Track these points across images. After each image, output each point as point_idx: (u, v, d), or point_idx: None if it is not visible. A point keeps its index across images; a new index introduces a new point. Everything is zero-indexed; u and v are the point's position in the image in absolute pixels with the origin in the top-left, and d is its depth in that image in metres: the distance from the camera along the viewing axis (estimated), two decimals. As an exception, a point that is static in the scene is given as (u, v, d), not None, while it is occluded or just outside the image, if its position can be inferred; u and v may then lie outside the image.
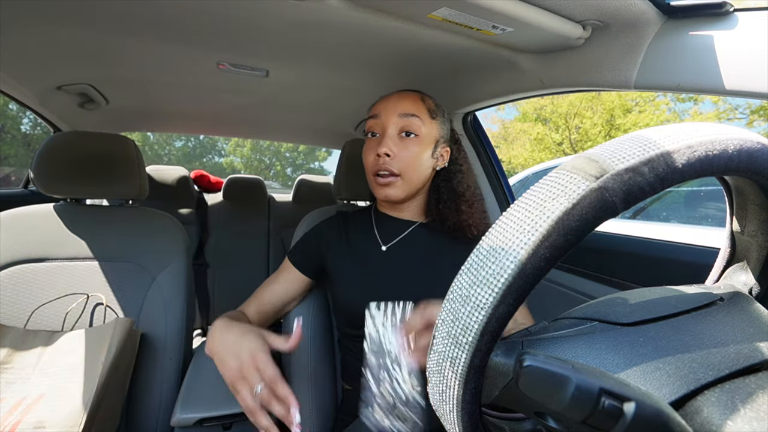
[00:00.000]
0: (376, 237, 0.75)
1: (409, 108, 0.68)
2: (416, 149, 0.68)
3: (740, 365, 0.23)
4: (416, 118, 0.68)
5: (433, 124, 0.70)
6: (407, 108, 0.68)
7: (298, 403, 0.49)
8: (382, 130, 0.69)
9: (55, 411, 0.57)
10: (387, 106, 0.70)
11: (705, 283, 0.36)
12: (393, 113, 0.69)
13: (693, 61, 0.54)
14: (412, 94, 0.71)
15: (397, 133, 0.69)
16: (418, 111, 0.69)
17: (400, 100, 0.70)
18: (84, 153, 0.84)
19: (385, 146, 0.67)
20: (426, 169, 0.70)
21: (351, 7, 0.62)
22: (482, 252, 0.23)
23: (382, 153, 0.67)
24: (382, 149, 0.67)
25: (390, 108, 0.69)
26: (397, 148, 0.68)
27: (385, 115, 0.69)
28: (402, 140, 0.68)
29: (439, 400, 0.26)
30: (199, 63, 0.92)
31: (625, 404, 0.19)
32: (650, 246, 0.88)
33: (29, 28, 0.73)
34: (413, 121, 0.68)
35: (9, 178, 3.33)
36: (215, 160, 19.56)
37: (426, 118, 0.69)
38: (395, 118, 0.68)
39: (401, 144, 0.68)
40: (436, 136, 0.71)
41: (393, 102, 0.70)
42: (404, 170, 0.68)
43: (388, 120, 0.69)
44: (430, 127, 0.70)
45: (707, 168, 0.22)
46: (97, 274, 0.81)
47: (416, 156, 0.68)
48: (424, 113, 0.69)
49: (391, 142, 0.68)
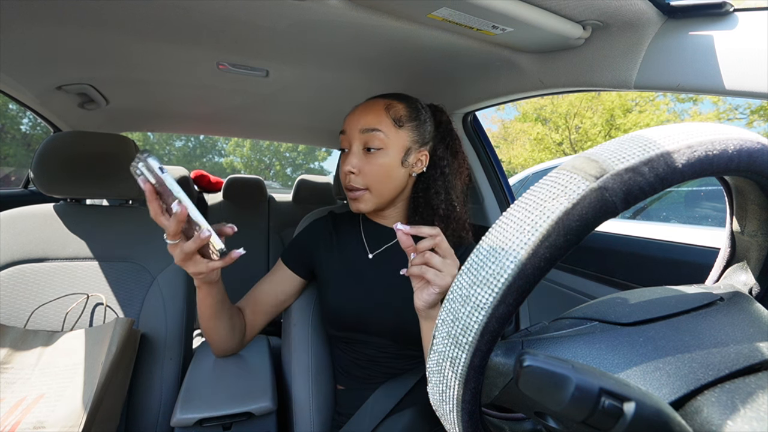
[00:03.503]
0: (364, 243, 0.75)
1: (371, 122, 0.67)
2: (381, 161, 0.67)
3: (740, 365, 0.23)
4: (378, 132, 0.67)
5: (401, 132, 0.68)
6: (369, 122, 0.68)
7: (210, 229, 0.49)
8: (349, 146, 0.70)
9: (55, 411, 0.57)
10: (351, 121, 0.70)
11: (705, 283, 0.36)
12: (355, 129, 0.68)
13: (693, 61, 0.54)
14: (377, 105, 0.69)
15: (362, 149, 0.68)
16: (380, 124, 0.67)
17: (363, 114, 0.69)
18: (84, 153, 0.84)
19: (348, 164, 0.68)
20: (397, 179, 0.69)
21: (351, 6, 0.62)
22: (482, 252, 0.23)
23: (346, 171, 0.68)
24: (345, 167, 0.68)
25: (353, 124, 0.69)
26: (361, 163, 0.68)
27: (350, 130, 0.69)
28: (366, 155, 0.68)
29: (439, 400, 0.26)
30: (199, 63, 0.92)
31: (625, 404, 0.19)
32: (650, 246, 0.88)
33: (29, 28, 0.73)
34: (375, 135, 0.67)
35: (9, 178, 3.33)
36: (215, 160, 19.58)
37: (390, 129, 0.67)
38: (357, 134, 0.68)
39: (365, 159, 0.68)
40: (405, 144, 0.69)
41: (356, 117, 0.69)
42: (371, 184, 0.68)
43: (352, 136, 0.69)
44: (397, 137, 0.68)
45: (707, 168, 0.22)
46: (97, 274, 0.81)
47: (382, 169, 0.67)
48: (387, 125, 0.67)
49: (356, 158, 0.68)
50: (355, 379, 0.71)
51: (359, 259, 0.73)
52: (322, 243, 0.76)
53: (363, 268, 0.72)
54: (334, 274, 0.73)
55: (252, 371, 0.74)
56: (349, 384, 0.73)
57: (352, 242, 0.76)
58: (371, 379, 0.70)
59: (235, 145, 17.83)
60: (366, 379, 0.70)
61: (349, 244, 0.75)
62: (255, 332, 0.76)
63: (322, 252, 0.75)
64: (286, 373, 0.81)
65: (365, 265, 0.72)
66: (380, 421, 0.65)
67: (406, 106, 0.70)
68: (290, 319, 0.80)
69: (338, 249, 0.75)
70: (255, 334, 0.77)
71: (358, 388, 0.71)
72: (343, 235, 0.77)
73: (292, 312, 0.80)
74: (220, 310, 0.64)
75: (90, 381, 0.61)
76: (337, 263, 0.73)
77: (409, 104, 0.71)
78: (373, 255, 0.73)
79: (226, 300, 0.65)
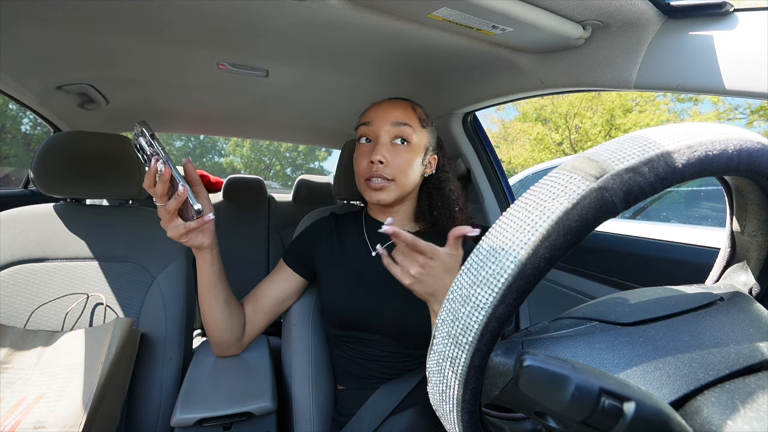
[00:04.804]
0: (366, 242, 0.76)
1: (401, 116, 0.70)
2: (408, 156, 0.69)
3: (740, 365, 0.23)
4: (408, 127, 0.69)
5: (423, 132, 0.72)
6: (399, 116, 0.70)
7: (186, 189, 0.54)
8: (375, 137, 0.70)
9: (55, 411, 0.57)
10: (379, 113, 0.71)
11: (705, 283, 0.36)
12: (385, 121, 0.70)
13: (693, 61, 0.54)
14: (404, 102, 0.73)
15: (390, 141, 0.70)
16: (410, 120, 0.70)
17: (392, 108, 0.71)
18: (84, 153, 0.84)
19: (378, 153, 0.68)
20: (416, 176, 0.72)
21: (351, 7, 0.62)
22: (482, 252, 0.23)
23: (376, 160, 0.68)
24: (376, 156, 0.68)
25: (382, 116, 0.70)
26: (389, 155, 0.69)
27: (378, 122, 0.70)
28: (394, 147, 0.70)
29: (439, 400, 0.26)
30: (199, 63, 0.92)
31: (625, 404, 0.19)
32: (650, 246, 0.88)
33: (29, 28, 0.73)
34: (405, 129, 0.69)
35: (9, 178, 3.33)
36: (215, 160, 19.58)
37: (417, 126, 0.70)
38: (388, 126, 0.69)
39: (393, 151, 0.69)
40: (426, 145, 0.72)
41: (385, 110, 0.71)
42: (397, 176, 0.69)
43: (380, 127, 0.70)
44: (421, 136, 0.71)
45: (707, 168, 0.22)
46: (97, 274, 0.81)
47: (408, 163, 0.69)
48: (415, 122, 0.70)
49: (384, 149, 0.69)
50: (355, 379, 0.72)
51: (361, 258, 0.73)
52: (324, 243, 0.76)
53: (365, 266, 0.72)
54: (336, 272, 0.73)
55: (252, 371, 0.74)
56: (350, 384, 0.73)
57: (354, 241, 0.76)
58: (371, 379, 0.70)
59: (235, 145, 17.83)
60: (366, 379, 0.70)
61: (351, 244, 0.76)
62: (255, 332, 0.76)
63: (323, 252, 0.75)
64: (287, 373, 0.81)
65: (367, 263, 0.73)
66: (381, 421, 0.65)
67: (424, 112, 0.74)
68: (290, 319, 0.80)
69: (340, 248, 0.75)
70: (255, 334, 0.77)
71: (358, 388, 0.71)
72: (345, 235, 0.77)
73: (292, 312, 0.80)
74: (215, 285, 0.67)
75: (90, 381, 0.61)
76: (339, 262, 0.74)
77: (425, 111, 0.75)
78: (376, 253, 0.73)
79: (223, 277, 0.68)
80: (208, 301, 0.68)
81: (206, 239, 0.63)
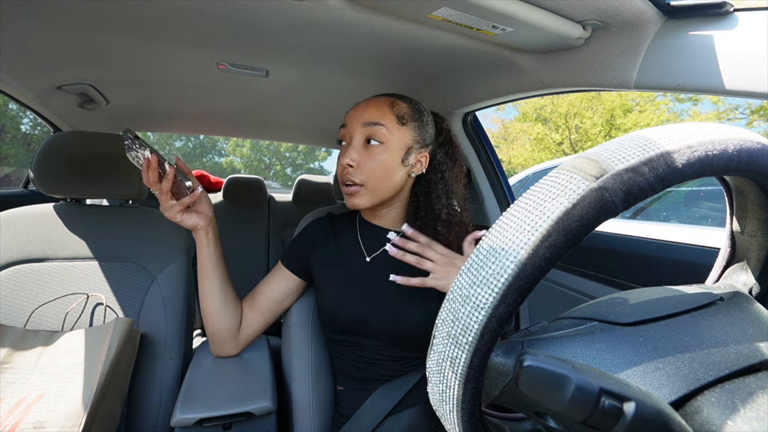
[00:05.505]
0: (361, 246, 0.74)
1: (374, 116, 0.67)
2: (382, 157, 0.66)
3: (740, 365, 0.23)
4: (381, 126, 0.66)
5: (403, 130, 0.68)
6: (372, 116, 0.67)
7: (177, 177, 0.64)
8: (349, 139, 0.69)
9: (55, 411, 0.57)
10: (353, 115, 0.69)
11: (705, 283, 0.36)
12: (357, 122, 0.68)
13: (693, 61, 0.54)
14: (381, 100, 0.69)
15: (362, 142, 0.68)
16: (383, 119, 0.67)
17: (366, 108, 0.68)
18: (84, 153, 0.84)
19: (347, 156, 0.67)
20: (396, 177, 0.68)
21: (351, 7, 0.61)
22: (482, 252, 0.23)
23: (345, 164, 0.67)
24: (344, 159, 0.67)
25: (355, 117, 0.68)
26: (360, 157, 0.67)
27: (351, 124, 0.69)
28: (367, 149, 0.67)
29: (439, 400, 0.26)
30: (199, 63, 0.92)
31: (625, 404, 0.19)
32: (650, 246, 0.88)
33: (29, 28, 0.73)
34: (377, 129, 0.66)
35: (9, 178, 3.33)
36: (215, 160, 19.57)
37: (393, 125, 0.67)
38: (359, 127, 0.67)
39: (365, 153, 0.67)
40: (407, 143, 0.68)
41: (359, 111, 0.69)
42: (368, 180, 0.66)
43: (353, 129, 0.68)
44: (399, 134, 0.67)
45: (707, 168, 0.22)
46: (97, 274, 0.81)
47: (382, 164, 0.66)
48: (390, 120, 0.67)
49: (355, 152, 0.67)
50: (354, 380, 0.71)
51: (356, 262, 0.72)
52: (319, 244, 0.76)
53: (360, 270, 0.71)
54: (331, 276, 0.72)
55: (252, 371, 0.74)
56: (349, 385, 0.72)
57: (349, 244, 0.75)
58: (370, 381, 0.70)
59: (235, 145, 17.83)
60: (365, 381, 0.70)
61: (346, 247, 0.75)
62: (253, 333, 0.76)
63: (319, 253, 0.75)
64: (286, 373, 0.81)
65: (362, 267, 0.71)
66: (380, 421, 0.65)
67: (409, 106, 0.70)
68: (290, 319, 0.80)
69: (335, 251, 0.75)
70: (253, 335, 0.77)
71: (357, 388, 0.71)
72: (340, 237, 0.76)
73: (292, 312, 0.80)
74: (212, 270, 0.70)
75: (90, 381, 0.61)
76: (334, 265, 0.73)
77: (413, 104, 0.71)
78: (371, 258, 0.72)
79: (220, 265, 0.71)
80: (204, 287, 0.70)
81: (200, 221, 0.68)
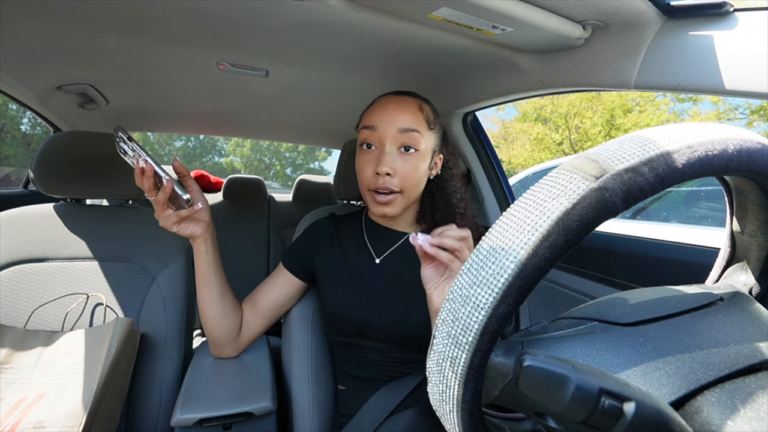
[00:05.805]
0: (368, 247, 0.73)
1: (410, 122, 0.63)
2: (416, 164, 0.64)
3: (740, 365, 0.23)
4: (417, 133, 0.63)
5: (431, 135, 0.66)
6: (407, 122, 0.63)
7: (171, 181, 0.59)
8: (380, 144, 0.65)
9: (55, 411, 0.57)
10: (384, 117, 0.64)
11: (705, 283, 0.36)
12: (392, 127, 0.63)
13: (693, 61, 0.54)
14: (410, 103, 0.66)
15: (397, 149, 0.64)
16: (418, 124, 0.64)
17: (399, 112, 0.64)
18: (84, 153, 0.84)
19: (386, 165, 0.62)
20: (423, 182, 0.68)
21: (351, 7, 0.61)
22: (482, 252, 0.23)
23: (383, 172, 0.63)
24: (383, 168, 0.62)
25: (388, 121, 0.64)
26: (397, 164, 0.63)
27: (383, 128, 0.64)
28: (401, 155, 0.64)
29: (439, 400, 0.26)
30: (199, 63, 0.92)
31: (625, 404, 0.19)
32: (650, 246, 0.88)
33: (29, 28, 0.73)
34: (414, 136, 0.63)
35: (9, 178, 3.33)
36: (215, 160, 19.57)
37: (425, 130, 0.65)
38: (394, 132, 0.63)
39: (401, 160, 0.64)
40: (432, 147, 0.67)
41: (391, 114, 0.64)
42: (404, 187, 0.64)
43: (386, 134, 0.63)
44: (428, 139, 0.66)
45: (707, 168, 0.22)
46: (97, 274, 0.81)
47: (416, 172, 0.64)
48: (423, 126, 0.65)
49: (391, 159, 0.63)
50: (356, 380, 0.71)
51: (363, 264, 0.71)
52: (323, 246, 0.75)
53: (367, 272, 0.70)
54: (337, 278, 0.71)
55: (252, 371, 0.74)
56: (350, 384, 0.72)
57: (355, 246, 0.74)
58: (373, 381, 0.70)
59: (235, 145, 17.82)
60: (367, 381, 0.70)
61: (351, 248, 0.74)
62: (253, 335, 0.76)
63: (323, 255, 0.74)
64: (287, 373, 0.81)
65: (370, 269, 0.71)
66: (381, 421, 0.65)
67: (431, 109, 0.68)
68: (290, 319, 0.80)
69: (340, 253, 0.74)
70: (253, 337, 0.77)
71: (359, 388, 0.71)
72: (345, 239, 0.76)
73: (292, 312, 0.80)
74: (209, 277, 0.68)
75: (90, 381, 0.61)
76: (340, 268, 0.72)
77: (433, 107, 0.70)
78: (380, 259, 0.71)
79: (218, 271, 0.70)
80: (202, 294, 0.69)
81: (198, 229, 0.65)
